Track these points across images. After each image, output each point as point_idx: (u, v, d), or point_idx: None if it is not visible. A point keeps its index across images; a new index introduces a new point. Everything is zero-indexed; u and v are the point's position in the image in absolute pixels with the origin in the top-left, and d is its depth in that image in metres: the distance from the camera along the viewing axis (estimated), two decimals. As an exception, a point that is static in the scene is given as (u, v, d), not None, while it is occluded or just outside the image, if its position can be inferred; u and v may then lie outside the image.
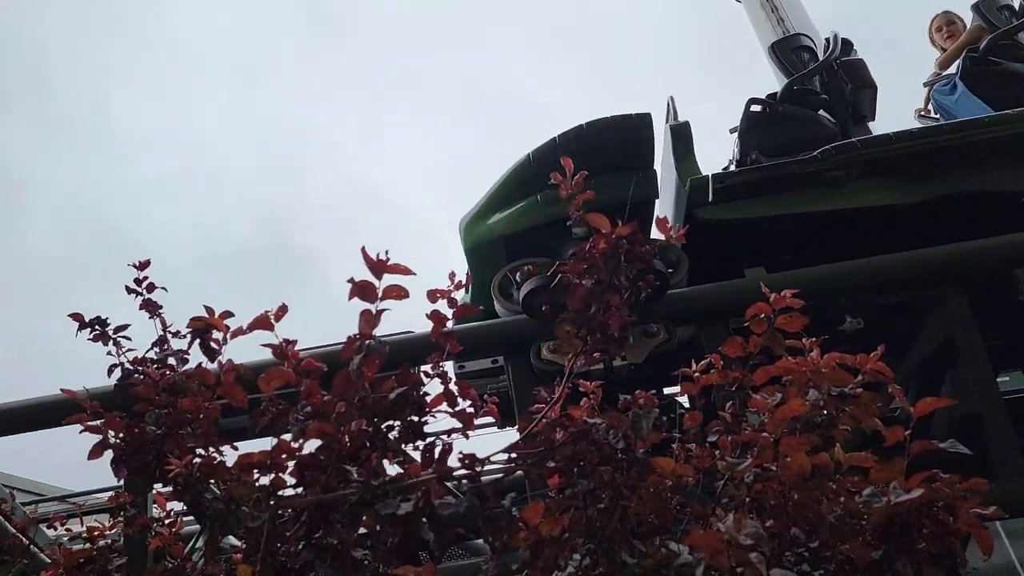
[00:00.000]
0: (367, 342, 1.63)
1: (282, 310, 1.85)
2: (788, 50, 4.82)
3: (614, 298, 1.68)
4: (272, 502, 1.57)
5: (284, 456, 1.63)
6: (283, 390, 1.74)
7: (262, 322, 1.79)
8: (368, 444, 1.68)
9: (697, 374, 1.96)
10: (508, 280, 3.77)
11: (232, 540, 1.87)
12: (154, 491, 2.61)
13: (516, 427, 1.89)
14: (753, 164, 3.93)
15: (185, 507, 2.09)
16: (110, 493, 3.73)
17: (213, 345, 1.84)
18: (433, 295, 1.86)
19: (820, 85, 4.58)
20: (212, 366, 1.83)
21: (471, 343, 3.00)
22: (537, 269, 3.39)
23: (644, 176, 3.85)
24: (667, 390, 3.47)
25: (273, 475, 1.62)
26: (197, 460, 1.66)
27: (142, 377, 1.76)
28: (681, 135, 4.00)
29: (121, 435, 1.74)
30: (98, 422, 1.76)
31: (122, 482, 2.51)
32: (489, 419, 2.15)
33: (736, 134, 4.30)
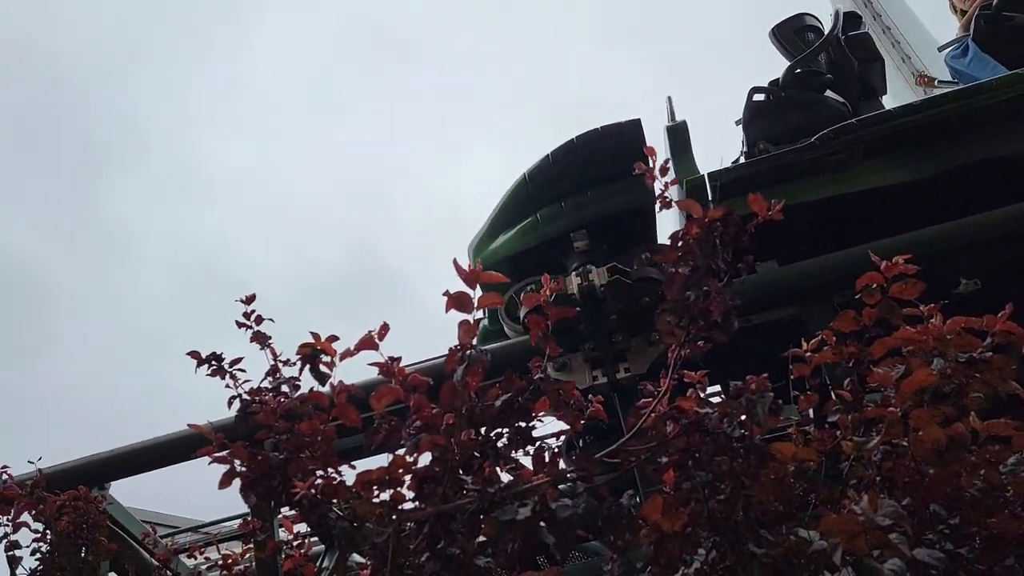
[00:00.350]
0: (468, 352, 1.64)
1: (384, 329, 1.90)
2: (790, 32, 4.54)
3: (713, 283, 1.64)
4: (394, 516, 1.60)
5: (401, 471, 1.66)
6: (393, 407, 1.78)
7: (367, 342, 1.84)
8: (479, 453, 1.69)
9: (809, 353, 1.89)
10: (514, 302, 3.77)
11: (357, 558, 1.93)
12: (281, 515, 2.71)
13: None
14: (761, 154, 3.78)
15: (310, 528, 2.17)
16: (240, 520, 3.91)
17: (323, 369, 1.90)
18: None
19: (827, 64, 4.37)
20: (324, 389, 1.89)
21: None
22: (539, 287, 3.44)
23: (639, 182, 3.83)
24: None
25: (392, 490, 1.65)
26: (319, 481, 1.71)
27: (260, 406, 1.83)
28: (677, 136, 3.90)
29: (246, 463, 1.82)
30: (224, 452, 1.84)
31: (249, 509, 2.62)
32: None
33: (741, 126, 4.17)
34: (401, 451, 1.69)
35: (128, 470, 3.72)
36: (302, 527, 2.53)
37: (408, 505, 1.71)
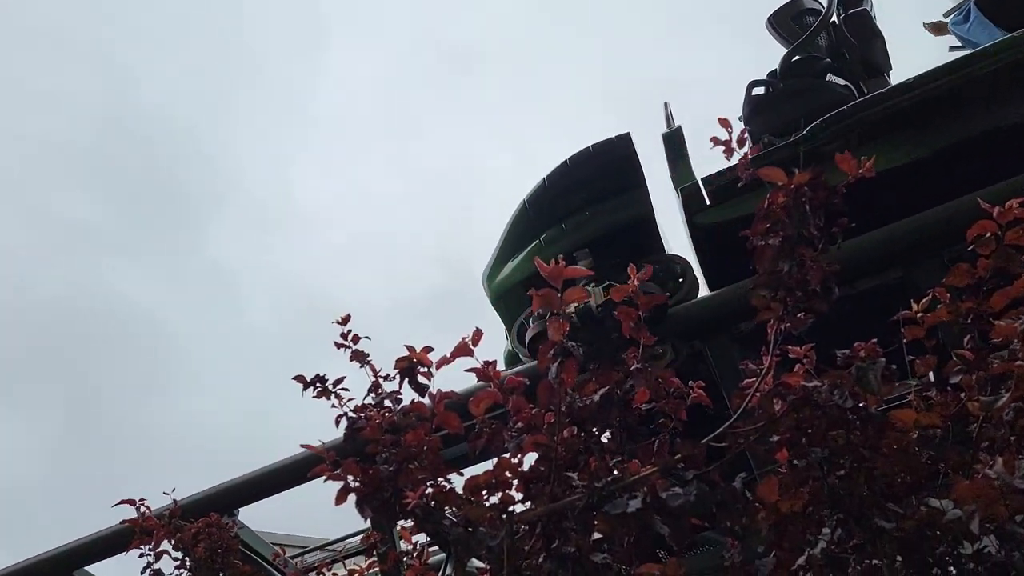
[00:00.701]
0: (561, 349, 1.64)
1: (478, 335, 1.91)
2: (787, 19, 4.31)
3: (807, 252, 1.57)
4: (505, 519, 1.61)
5: (507, 473, 1.67)
6: (493, 412, 1.79)
7: (462, 349, 1.86)
8: (583, 448, 1.68)
9: (921, 314, 1.78)
10: (524, 327, 3.79)
11: (477, 563, 1.95)
12: (398, 526, 2.78)
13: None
14: (767, 148, 3.62)
15: (428, 537, 2.21)
16: (361, 535, 4.02)
17: (421, 380, 1.93)
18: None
19: (827, 47, 4.18)
20: (425, 400, 1.92)
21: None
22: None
23: (636, 195, 3.84)
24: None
25: (501, 493, 1.66)
26: (429, 490, 1.74)
27: (365, 422, 1.88)
28: (672, 143, 3.84)
29: (358, 478, 1.87)
30: (337, 470, 1.90)
31: (368, 523, 2.70)
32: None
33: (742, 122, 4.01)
34: (505, 454, 1.70)
35: (254, 495, 3.90)
36: (421, 537, 2.58)
37: (520, 507, 1.72)
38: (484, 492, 1.66)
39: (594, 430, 1.72)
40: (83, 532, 4.70)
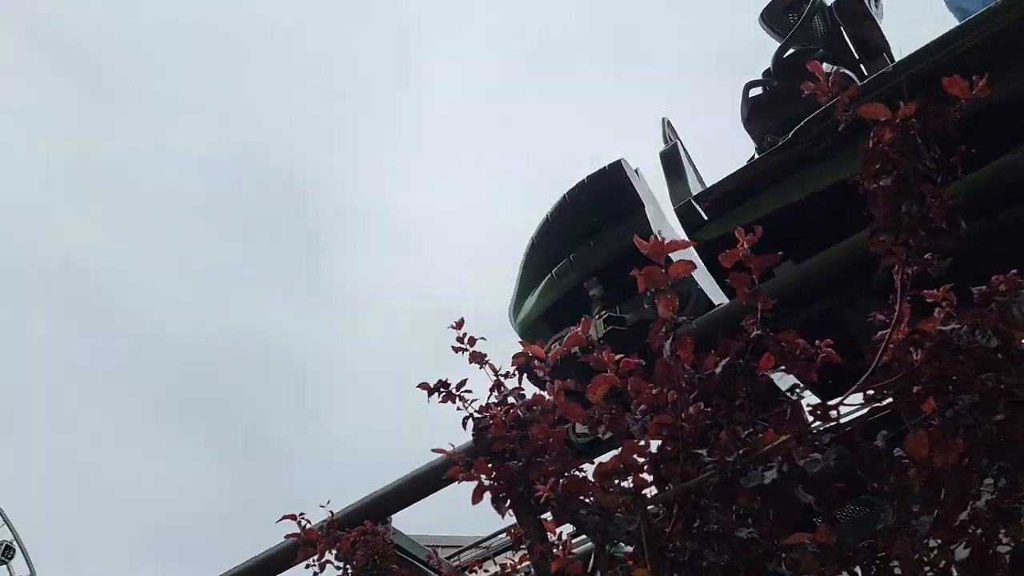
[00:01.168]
0: (672, 325, 1.60)
1: (587, 323, 1.91)
2: (778, 13, 4.12)
3: (927, 186, 1.46)
4: (639, 502, 1.59)
5: (635, 456, 1.65)
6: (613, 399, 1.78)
7: (574, 339, 1.86)
8: (711, 423, 1.64)
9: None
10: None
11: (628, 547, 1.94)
12: (543, 519, 2.80)
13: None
14: (770, 147, 3.55)
15: (572, 527, 2.22)
16: (508, 531, 4.10)
17: (538, 373, 1.95)
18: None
19: (821, 36, 3.99)
20: (545, 394, 1.93)
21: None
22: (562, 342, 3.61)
23: (633, 221, 3.90)
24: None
25: (632, 477, 1.65)
26: (561, 481, 1.74)
27: (491, 420, 1.92)
28: (669, 161, 3.88)
29: (490, 476, 1.90)
30: (470, 471, 1.94)
31: (515, 518, 2.74)
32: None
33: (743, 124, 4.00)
34: (631, 438, 1.68)
35: (400, 503, 4.06)
36: (568, 527, 2.60)
37: (653, 490, 1.69)
38: (615, 478, 1.65)
39: (720, 403, 1.67)
40: (259, 551, 5.08)
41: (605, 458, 1.70)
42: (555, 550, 2.37)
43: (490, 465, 1.87)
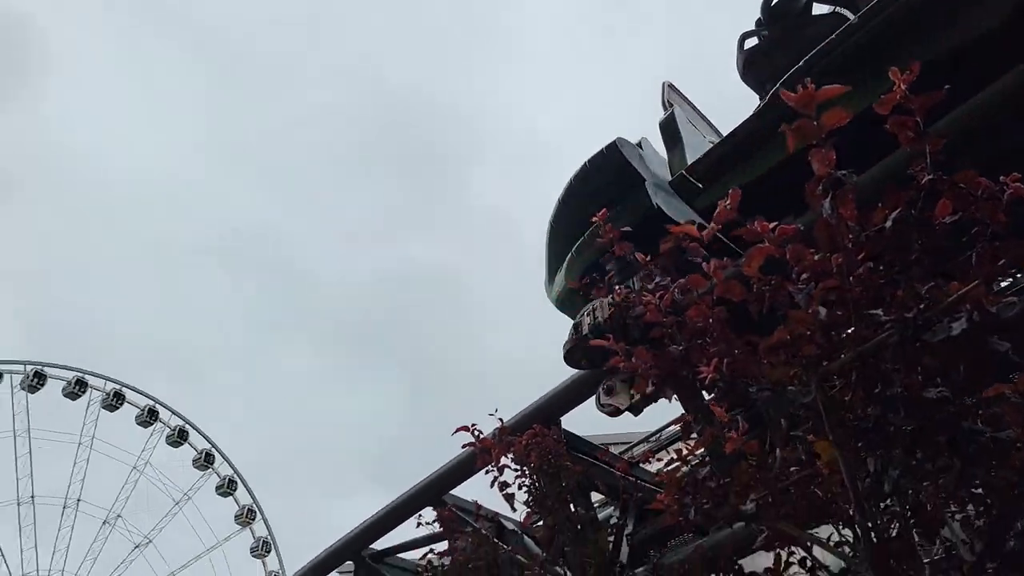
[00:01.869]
0: (831, 181, 1.48)
1: (736, 193, 1.81)
2: None
3: None
4: (812, 373, 1.52)
5: (803, 326, 1.57)
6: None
7: (724, 214, 1.77)
8: (885, 281, 1.52)
9: None
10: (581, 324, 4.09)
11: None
12: (709, 403, 2.77)
13: None
14: (767, 97, 3.63)
15: (737, 408, 2.17)
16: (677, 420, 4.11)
17: (692, 257, 1.87)
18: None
19: None
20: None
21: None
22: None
23: (637, 195, 4.11)
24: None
25: (799, 348, 1.57)
26: (726, 361, 1.69)
27: (644, 308, 1.88)
28: (667, 131, 4.04)
29: (650, 364, 1.88)
30: (630, 360, 1.94)
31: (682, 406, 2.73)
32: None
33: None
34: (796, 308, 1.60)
35: (567, 405, 4.17)
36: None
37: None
38: (783, 352, 1.58)
39: (894, 259, 1.54)
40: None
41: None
42: (728, 432, 2.35)
43: (650, 353, 1.84)
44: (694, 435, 2.71)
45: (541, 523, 3.01)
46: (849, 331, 1.49)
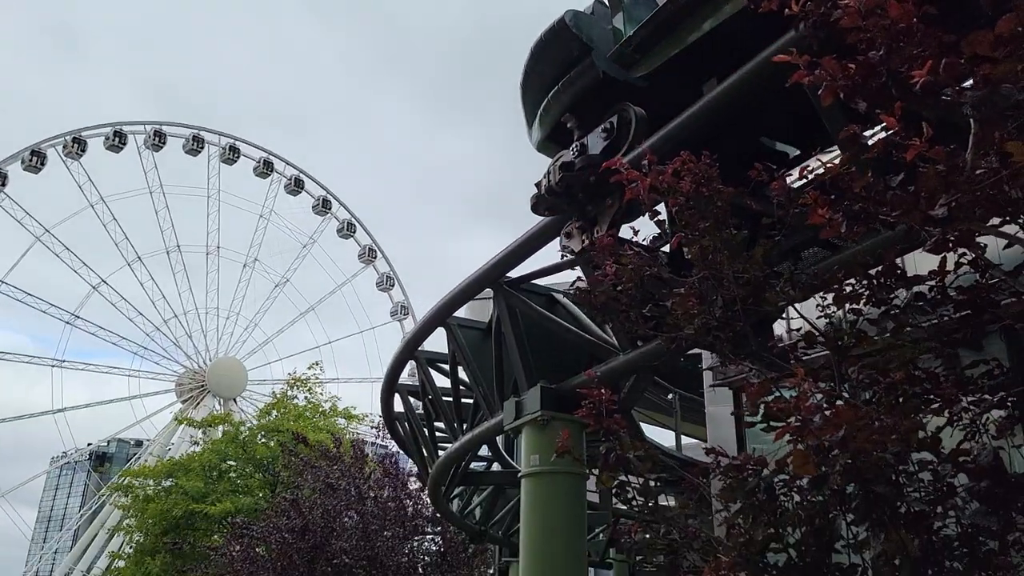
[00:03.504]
0: None
1: None
2: None
3: None
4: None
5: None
6: None
7: None
8: None
9: None
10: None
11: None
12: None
13: None
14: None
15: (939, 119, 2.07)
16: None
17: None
18: None
19: None
20: None
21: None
22: None
23: (586, 63, 5.31)
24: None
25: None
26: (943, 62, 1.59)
27: (842, 12, 1.74)
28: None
29: (842, 74, 1.79)
30: (814, 72, 1.84)
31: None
32: None
33: None
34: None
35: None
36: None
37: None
38: (1011, 45, 1.45)
39: None
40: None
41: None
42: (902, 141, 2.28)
43: (842, 63, 1.75)
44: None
45: (694, 247, 3.07)
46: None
